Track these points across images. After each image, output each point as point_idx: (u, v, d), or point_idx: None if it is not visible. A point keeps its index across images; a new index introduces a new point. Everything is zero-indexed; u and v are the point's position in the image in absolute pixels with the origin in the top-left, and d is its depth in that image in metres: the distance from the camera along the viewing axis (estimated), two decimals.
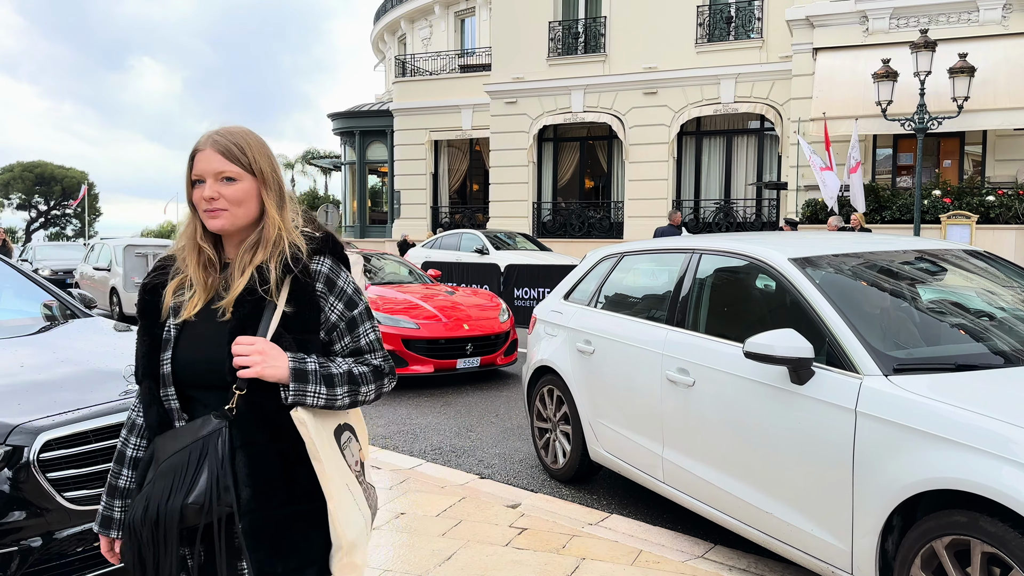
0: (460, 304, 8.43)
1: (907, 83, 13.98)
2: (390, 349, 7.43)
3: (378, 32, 37.45)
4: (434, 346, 7.70)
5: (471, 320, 8.05)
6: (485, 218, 23.73)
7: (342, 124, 28.60)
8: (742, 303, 4.16)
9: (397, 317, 7.78)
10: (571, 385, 4.77)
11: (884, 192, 15.75)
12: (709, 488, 3.67)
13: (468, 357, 7.82)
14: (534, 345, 5.35)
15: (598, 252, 5.24)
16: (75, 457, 2.92)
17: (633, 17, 20.12)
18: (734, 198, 20.00)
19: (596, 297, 4.90)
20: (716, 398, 3.62)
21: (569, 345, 4.84)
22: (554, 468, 5.01)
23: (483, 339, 7.95)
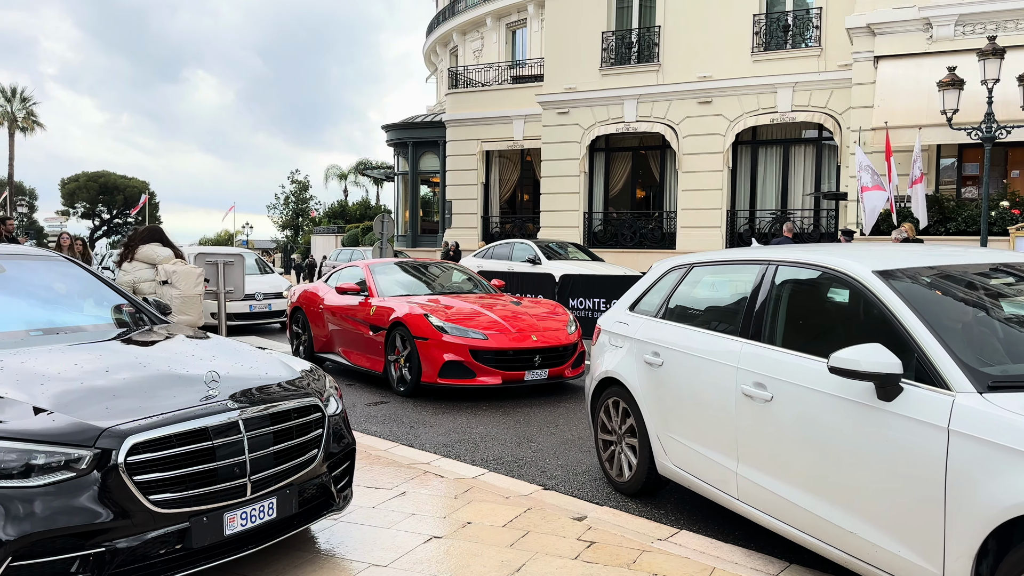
0: (527, 314, 8.28)
1: (973, 91, 13.58)
2: (458, 360, 7.48)
3: (430, 45, 37.91)
4: (502, 357, 7.55)
5: (539, 331, 7.87)
6: (535, 228, 23.74)
7: (396, 135, 28.96)
8: (821, 316, 4.05)
9: (464, 327, 7.63)
10: (638, 397, 4.66)
11: (949, 203, 15.31)
12: (787, 506, 3.56)
13: (536, 369, 7.66)
14: (598, 356, 5.25)
15: (664, 263, 5.11)
16: (160, 461, 2.98)
17: (688, 26, 19.99)
18: (791, 208, 19.65)
19: (664, 309, 4.79)
20: (796, 413, 3.51)
21: (636, 357, 4.74)
22: (619, 481, 4.91)
23: (551, 350, 7.78)
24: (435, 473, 5.14)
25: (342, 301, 9.05)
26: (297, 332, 10.12)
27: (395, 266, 9.76)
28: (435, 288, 9.38)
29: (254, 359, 3.97)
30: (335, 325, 9.17)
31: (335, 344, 9.22)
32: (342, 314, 9.00)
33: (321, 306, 9.49)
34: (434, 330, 7.57)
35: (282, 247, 56.17)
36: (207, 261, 6.56)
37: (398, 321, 7.90)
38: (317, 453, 3.61)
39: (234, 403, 3.29)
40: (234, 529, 3.17)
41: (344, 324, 8.96)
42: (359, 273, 9.35)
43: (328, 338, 9.34)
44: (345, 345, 9.00)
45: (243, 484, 3.20)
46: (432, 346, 7.52)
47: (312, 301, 9.76)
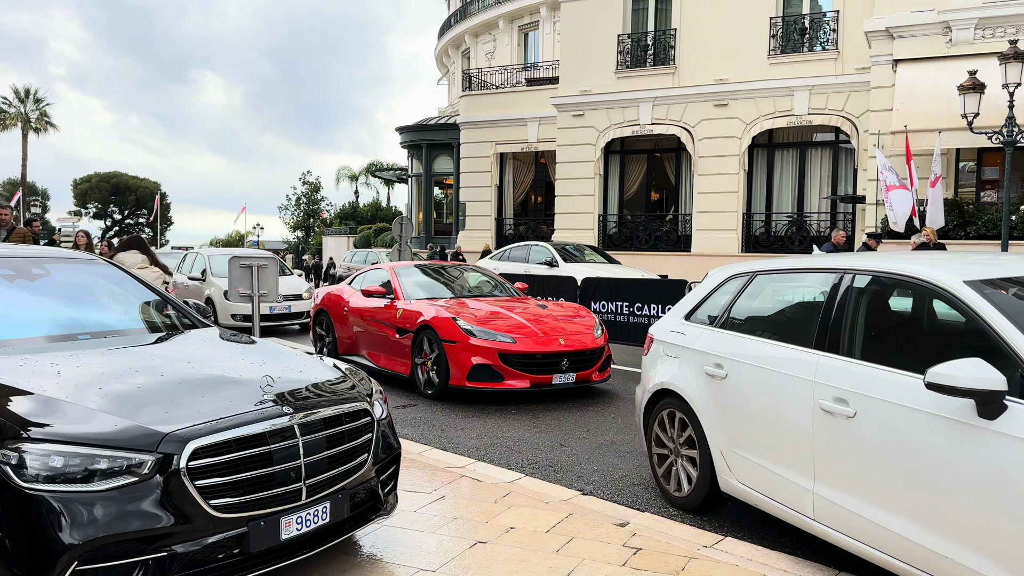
0: (553, 318, 8.23)
1: (993, 95, 13.51)
2: (486, 364, 7.45)
3: (442, 47, 37.99)
4: (530, 361, 7.50)
5: (566, 335, 7.82)
6: (550, 230, 23.74)
7: (409, 137, 29.01)
8: (907, 328, 3.92)
9: (493, 331, 7.60)
10: (699, 411, 4.50)
11: (968, 207, 15.24)
12: (872, 528, 3.37)
13: (564, 373, 7.61)
14: (651, 367, 5.06)
15: (723, 271, 4.94)
16: (220, 465, 2.99)
17: (704, 29, 19.96)
18: (807, 212, 19.59)
19: (725, 318, 4.63)
20: (884, 431, 3.33)
21: (695, 368, 4.59)
22: (677, 496, 4.72)
23: (579, 354, 7.74)
24: (471, 477, 5.13)
25: (367, 304, 9.05)
26: (321, 334, 10.12)
27: (420, 268, 9.73)
28: (460, 291, 9.35)
29: (303, 363, 3.97)
30: (360, 327, 9.17)
31: (360, 346, 9.22)
32: (367, 316, 9.00)
33: (346, 308, 9.49)
34: (462, 333, 7.56)
35: (293, 248, 56.31)
36: (241, 264, 6.57)
37: (426, 324, 7.89)
38: (367, 458, 3.61)
39: (289, 407, 3.30)
40: (290, 534, 3.17)
41: (369, 327, 8.96)
42: (384, 275, 9.36)
43: (353, 340, 9.34)
44: (370, 347, 9.01)
45: (298, 488, 3.20)
46: (460, 349, 7.51)
47: (336, 303, 9.76)
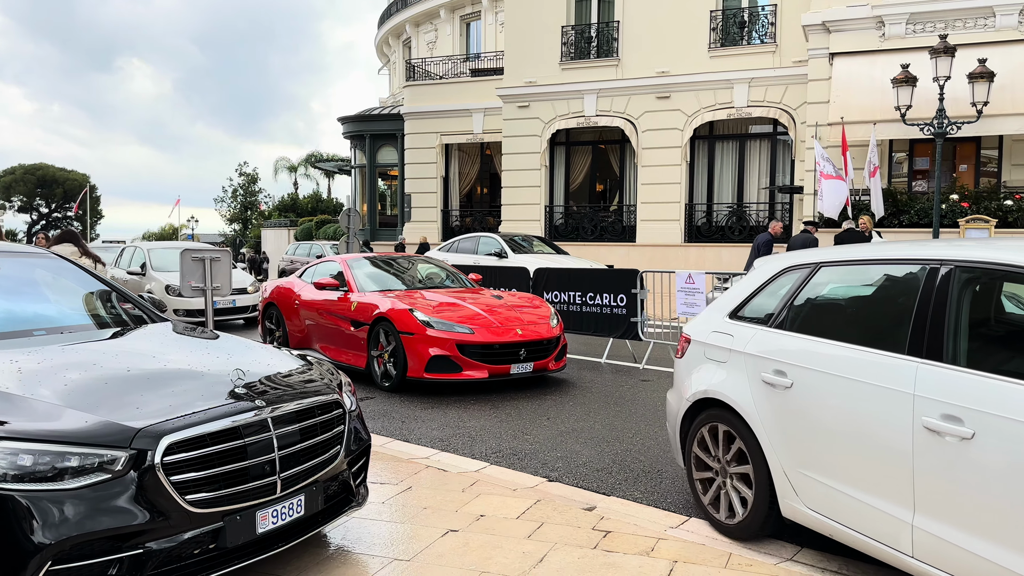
0: (510, 308, 8.27)
1: (924, 88, 14.06)
2: (444, 354, 7.45)
3: (382, 36, 37.57)
4: (488, 351, 7.56)
5: (523, 324, 7.90)
6: (496, 221, 23.78)
7: (352, 128, 28.64)
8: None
9: (450, 322, 7.62)
10: (755, 425, 3.86)
11: (902, 196, 15.83)
12: (995, 571, 2.83)
13: (522, 362, 7.71)
14: (688, 373, 4.43)
15: (774, 261, 4.32)
16: (195, 460, 2.94)
17: (646, 22, 20.21)
18: (747, 202, 20.07)
19: (784, 316, 3.99)
20: (1013, 456, 2.79)
21: (749, 375, 3.95)
22: (728, 524, 4.03)
23: (536, 344, 7.82)
24: (436, 467, 5.14)
25: (320, 296, 8.93)
26: (270, 329, 9.93)
27: (373, 260, 9.62)
28: (415, 282, 9.28)
29: (270, 356, 3.93)
30: (312, 321, 9.03)
31: (312, 340, 9.07)
32: (320, 310, 8.87)
33: (297, 302, 9.34)
34: (419, 325, 7.54)
35: (230, 241, 55.05)
36: (193, 257, 6.42)
37: (382, 316, 7.84)
38: (340, 450, 3.59)
39: (262, 401, 3.26)
40: (266, 527, 3.14)
41: (322, 320, 8.83)
42: (336, 268, 9.21)
43: (305, 334, 9.19)
44: (324, 341, 8.87)
45: (273, 482, 3.17)
46: (418, 341, 7.50)
47: (287, 297, 9.60)
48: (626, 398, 7.64)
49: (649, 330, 10.02)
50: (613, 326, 9.75)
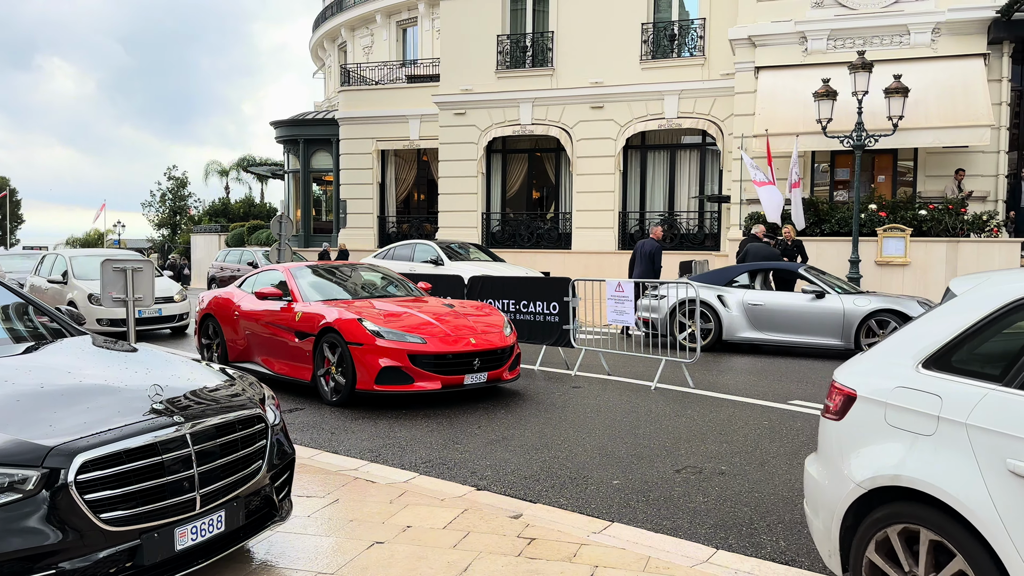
0: (462, 317, 8.09)
1: (845, 102, 14.65)
2: (395, 365, 7.24)
3: (317, 40, 37.17)
4: (441, 361, 7.35)
5: (476, 334, 7.70)
6: (433, 228, 23.76)
7: (285, 132, 28.24)
8: None
9: (401, 332, 7.37)
10: (994, 536, 2.58)
11: (823, 206, 16.42)
12: None
13: (475, 372, 7.52)
14: (856, 444, 3.14)
15: (1001, 284, 3.02)
16: (110, 478, 2.90)
17: (580, 33, 20.50)
18: (678, 210, 20.52)
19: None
20: None
21: (979, 459, 2.68)
22: None
23: (490, 353, 7.65)
24: (365, 479, 5.14)
25: (261, 307, 8.64)
26: (207, 342, 9.58)
27: (318, 269, 9.31)
28: (363, 291, 9.00)
29: (190, 370, 3.88)
30: (253, 332, 8.73)
31: (253, 352, 8.77)
32: (262, 320, 8.58)
33: (236, 312, 9.01)
34: (369, 335, 7.31)
35: (159, 247, 53.51)
36: (114, 268, 6.25)
37: (328, 327, 7.58)
38: (262, 464, 3.58)
39: (180, 416, 3.23)
40: (184, 544, 3.11)
41: (264, 331, 8.53)
42: (279, 277, 8.93)
43: (245, 346, 8.89)
44: (266, 353, 8.57)
45: (192, 498, 3.15)
46: (367, 352, 7.27)
47: (225, 307, 9.26)
48: (557, 405, 7.75)
49: (581, 337, 10.18)
50: (546, 333, 9.87)
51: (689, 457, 5.84)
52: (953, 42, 15.89)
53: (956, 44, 15.88)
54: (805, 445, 6.19)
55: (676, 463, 5.67)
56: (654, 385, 8.74)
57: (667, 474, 5.40)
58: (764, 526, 4.42)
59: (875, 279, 14.98)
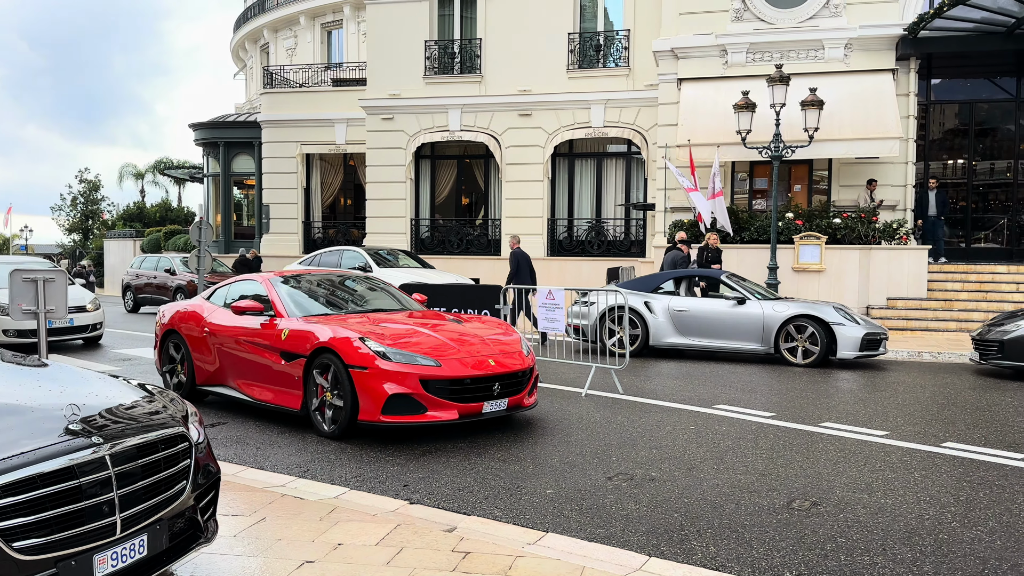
0: (475, 334, 7.13)
1: (763, 114, 15.15)
2: (405, 392, 6.27)
3: (238, 40, 36.31)
4: (458, 387, 6.41)
5: (495, 354, 6.80)
6: (361, 234, 23.45)
7: (205, 135, 27.42)
8: None
9: (411, 352, 6.41)
10: None
11: (743, 214, 16.92)
12: None
13: (495, 399, 6.59)
14: None
15: None
16: (22, 504, 2.73)
17: (507, 40, 20.61)
18: (605, 218, 20.81)
19: None
20: None
21: None
22: None
23: (510, 376, 6.74)
24: (293, 495, 5.01)
25: (238, 323, 7.56)
26: (171, 362, 8.47)
27: (303, 280, 8.28)
28: (355, 305, 8.02)
29: (107, 387, 3.70)
30: (228, 352, 7.64)
31: (228, 376, 7.69)
32: (239, 339, 7.49)
33: (206, 329, 7.93)
34: (373, 357, 6.32)
35: (69, 252, 51.18)
36: (24, 278, 5.90)
37: (323, 347, 6.56)
38: (186, 485, 3.43)
39: (98, 437, 3.07)
40: (105, 571, 2.96)
41: (242, 351, 7.45)
42: (257, 288, 7.89)
43: (217, 368, 7.80)
44: (243, 377, 7.49)
45: (112, 523, 3.00)
46: (372, 376, 6.26)
47: (192, 323, 8.18)
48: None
49: None
50: None
51: (620, 464, 5.91)
52: (864, 57, 16.63)
53: (867, 59, 16.63)
54: (731, 450, 6.34)
55: (608, 470, 5.73)
56: (584, 392, 8.81)
57: (599, 481, 5.45)
58: (694, 532, 4.49)
59: (793, 285, 15.52)
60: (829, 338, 11.02)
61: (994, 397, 8.87)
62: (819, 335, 11.05)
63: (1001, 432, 7.04)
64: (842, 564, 4.03)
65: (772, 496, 5.12)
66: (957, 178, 18.37)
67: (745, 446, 6.48)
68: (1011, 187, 17.94)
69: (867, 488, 5.30)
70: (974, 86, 17.97)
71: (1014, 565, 4.01)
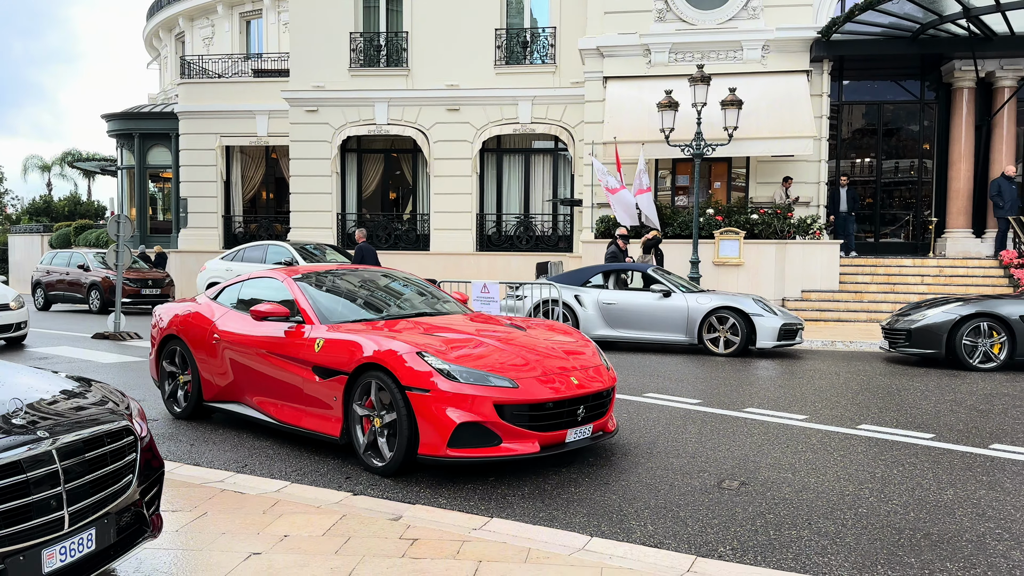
0: (550, 346, 5.91)
1: (686, 112, 15.60)
2: (476, 421, 5.08)
3: (152, 29, 35.09)
4: (538, 412, 5.24)
5: (576, 370, 5.60)
6: (284, 228, 23.04)
7: (118, 126, 26.41)
8: None
9: (481, 370, 5.22)
10: None
11: (666, 210, 17.39)
12: None
13: (579, 426, 5.45)
14: None
15: None
16: None
17: (435, 35, 20.58)
18: (533, 213, 21.05)
19: None
20: None
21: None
22: None
23: (595, 398, 5.60)
24: (233, 490, 4.96)
25: (255, 330, 6.44)
26: (172, 372, 7.37)
27: (328, 277, 7.11)
28: (396, 308, 6.84)
29: (47, 381, 3.62)
30: (244, 364, 6.50)
31: (245, 391, 6.55)
32: (258, 349, 6.35)
33: (216, 336, 6.78)
34: (435, 376, 5.13)
35: None
36: None
37: (370, 363, 5.37)
38: (132, 479, 3.39)
39: (44, 431, 3.01)
40: (53, 566, 2.91)
41: (262, 363, 6.30)
42: (276, 288, 6.73)
43: (232, 383, 6.66)
44: (264, 394, 6.34)
45: (60, 517, 2.95)
46: (435, 401, 5.08)
47: (198, 328, 7.01)
48: None
49: None
50: None
51: None
52: (781, 59, 17.31)
53: (783, 61, 17.31)
54: (662, 435, 6.58)
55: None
56: None
57: (540, 468, 5.58)
58: (632, 512, 4.68)
59: (714, 278, 16.06)
60: (749, 328, 11.48)
61: (903, 382, 9.43)
62: (740, 326, 11.50)
63: (911, 414, 7.51)
64: (771, 538, 4.27)
65: (703, 477, 5.36)
66: (866, 176, 19.33)
67: (675, 431, 6.73)
68: (915, 185, 19.00)
69: (791, 468, 5.61)
70: (882, 88, 18.93)
71: (926, 534, 4.34)
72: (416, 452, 5.23)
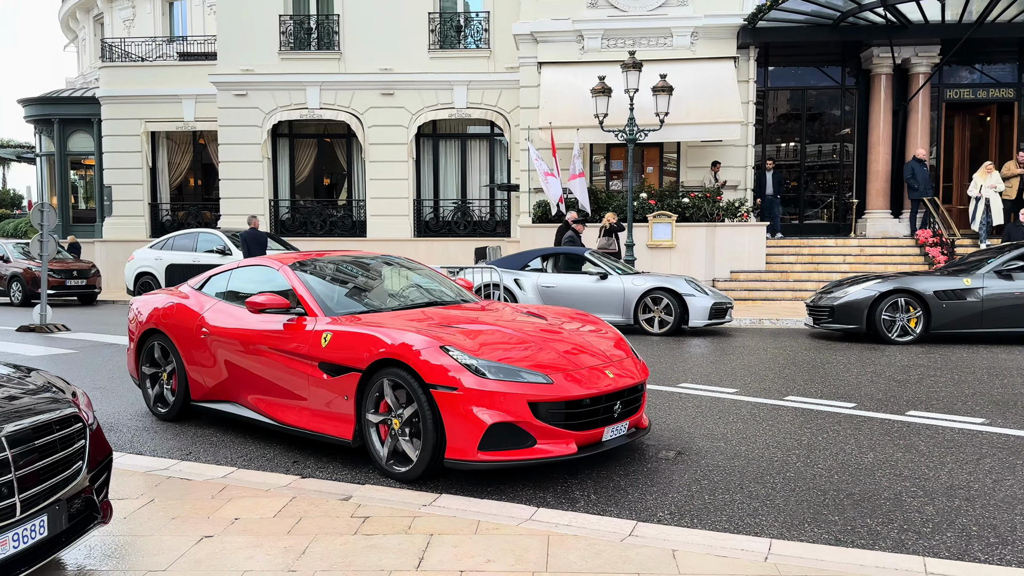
0: (573, 336, 5.53)
1: (619, 98, 15.88)
2: (509, 421, 4.65)
3: (68, 10, 33.70)
4: (574, 409, 4.83)
5: (611, 364, 5.23)
6: (214, 215, 22.53)
7: (37, 111, 25.34)
8: None
9: (513, 366, 4.81)
10: None
11: (601, 195, 17.69)
12: None
13: (616, 423, 5.05)
14: None
15: None
16: None
17: (367, 18, 20.37)
18: (470, 198, 21.11)
19: None
20: None
21: None
22: None
23: (630, 392, 5.22)
24: (179, 477, 4.96)
25: (250, 323, 5.89)
26: (153, 371, 6.80)
27: (325, 264, 6.54)
28: (405, 299, 6.39)
29: None
30: (238, 362, 5.96)
31: (238, 390, 6.02)
32: (254, 344, 5.81)
33: (205, 329, 6.20)
34: (462, 372, 4.68)
35: None
36: None
37: (387, 358, 4.89)
38: (82, 466, 3.40)
39: None
40: (6, 552, 2.92)
41: (260, 361, 5.76)
42: (270, 276, 6.18)
43: (225, 381, 6.11)
44: (263, 393, 5.79)
45: (12, 504, 2.96)
46: (463, 400, 4.63)
47: (183, 320, 6.41)
48: None
49: None
50: None
51: None
52: (709, 45, 17.75)
53: (711, 47, 17.75)
54: None
55: None
56: None
57: None
58: (576, 483, 4.86)
59: (648, 260, 16.45)
60: (682, 308, 11.85)
61: (827, 356, 9.91)
62: (673, 306, 11.86)
63: (834, 386, 7.93)
64: (706, 502, 4.51)
65: (642, 449, 5.59)
66: (791, 160, 20.01)
67: None
68: (837, 168, 19.77)
69: (723, 438, 5.89)
70: (805, 74, 19.58)
71: (849, 494, 4.65)
72: (443, 456, 4.79)
